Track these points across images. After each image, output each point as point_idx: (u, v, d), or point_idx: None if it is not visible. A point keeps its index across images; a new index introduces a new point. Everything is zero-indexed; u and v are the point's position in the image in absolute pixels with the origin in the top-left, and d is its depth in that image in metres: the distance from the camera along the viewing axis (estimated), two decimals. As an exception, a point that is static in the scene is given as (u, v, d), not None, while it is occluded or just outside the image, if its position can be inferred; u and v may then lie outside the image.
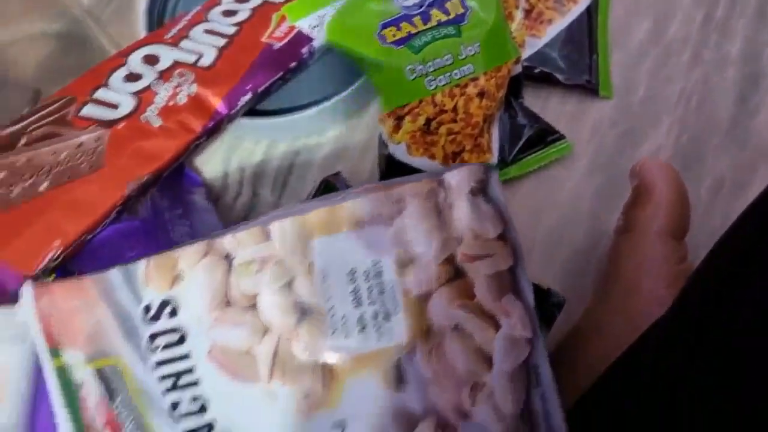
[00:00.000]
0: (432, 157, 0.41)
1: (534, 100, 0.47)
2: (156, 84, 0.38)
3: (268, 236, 0.28)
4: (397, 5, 0.41)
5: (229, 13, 0.42)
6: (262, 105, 0.42)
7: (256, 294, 0.28)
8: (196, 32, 0.41)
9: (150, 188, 0.37)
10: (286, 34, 0.41)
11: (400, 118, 0.41)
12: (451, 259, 0.28)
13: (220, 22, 0.41)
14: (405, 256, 0.28)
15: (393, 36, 0.40)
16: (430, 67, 0.40)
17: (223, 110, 0.39)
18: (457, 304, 0.28)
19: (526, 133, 0.44)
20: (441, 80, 0.40)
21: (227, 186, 0.47)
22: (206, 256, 0.28)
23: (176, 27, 0.41)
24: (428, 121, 0.41)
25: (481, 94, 0.41)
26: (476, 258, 0.28)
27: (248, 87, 0.39)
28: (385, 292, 0.28)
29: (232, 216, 0.46)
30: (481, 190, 0.28)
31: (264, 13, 0.42)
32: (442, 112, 0.41)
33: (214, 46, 0.40)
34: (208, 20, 0.41)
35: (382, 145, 0.42)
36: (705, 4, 0.50)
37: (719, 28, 0.49)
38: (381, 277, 0.28)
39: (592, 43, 0.48)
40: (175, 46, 0.40)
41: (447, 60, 0.40)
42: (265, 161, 0.47)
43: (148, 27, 0.48)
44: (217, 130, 0.40)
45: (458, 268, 0.28)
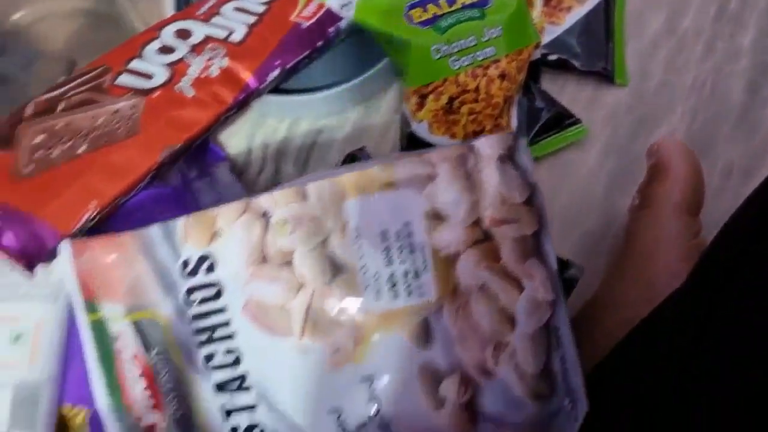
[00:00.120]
0: (453, 136, 0.43)
1: (551, 86, 0.48)
2: (189, 57, 0.40)
3: (304, 196, 0.29)
4: (423, -13, 0.42)
5: (258, -9, 0.43)
6: (286, 84, 0.43)
7: (292, 251, 0.29)
8: (227, 9, 0.42)
9: (181, 156, 0.38)
10: (314, 14, 0.42)
11: (423, 97, 0.42)
12: (478, 222, 0.29)
13: (250, 1, 0.43)
14: (435, 218, 0.29)
15: (419, 17, 0.41)
16: (454, 47, 0.41)
17: (254, 84, 0.40)
18: (483, 266, 0.29)
19: (543, 116, 0.45)
20: (464, 61, 0.41)
21: (250, 162, 0.48)
22: (244, 214, 0.30)
23: (207, 4, 0.43)
24: (451, 101, 0.42)
25: (502, 76, 0.42)
26: (503, 222, 0.30)
27: (277, 63, 0.41)
28: (415, 252, 0.29)
29: (255, 190, 0.47)
30: (509, 156, 0.30)
31: (292, -8, 0.43)
32: (465, 92, 0.42)
33: (244, 23, 0.42)
34: (239, -2, 0.43)
35: (405, 122, 0.43)
36: (718, -3, 0.51)
37: (732, 20, 0.50)
38: (411, 238, 0.29)
39: (608, 32, 0.49)
40: (206, 22, 0.42)
41: (471, 41, 0.41)
42: (288, 138, 0.48)
43: (176, 6, 0.49)
44: (245, 104, 0.41)
45: (485, 231, 0.30)
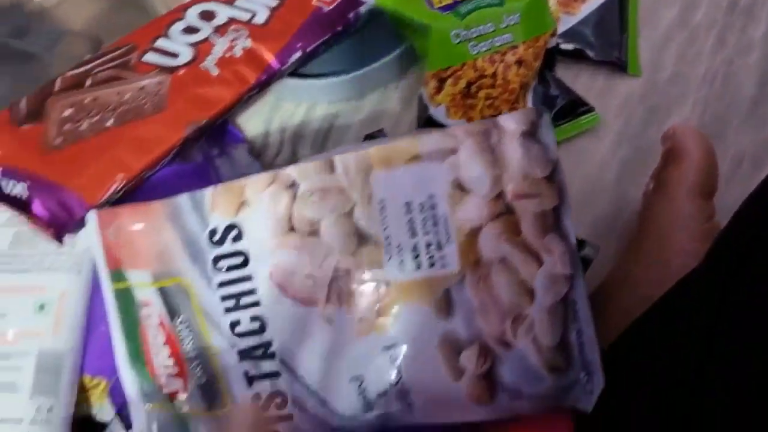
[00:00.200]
0: (470, 120, 0.43)
1: (565, 75, 0.49)
2: (213, 37, 0.40)
3: (332, 168, 0.30)
4: (443, -26, 0.43)
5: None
6: (303, 68, 0.44)
7: (318, 221, 0.30)
8: (250, -8, 0.43)
9: (204, 133, 0.39)
10: (334, -1, 0.43)
11: (442, 81, 0.43)
12: (501, 196, 0.30)
13: (273, -16, 0.43)
14: (458, 191, 0.30)
15: (440, 2, 0.42)
16: (473, 33, 0.42)
17: (276, 65, 0.41)
18: (504, 239, 0.30)
19: (558, 103, 0.46)
20: (483, 46, 0.42)
21: (268, 144, 0.49)
22: (272, 185, 0.30)
23: (231, -13, 0.44)
24: (468, 85, 0.43)
25: (519, 62, 0.43)
26: (524, 196, 0.30)
27: (299, 45, 0.41)
28: (438, 224, 0.30)
29: (272, 172, 0.48)
30: (532, 133, 0.30)
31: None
32: (482, 77, 0.43)
33: (266, 6, 0.43)
34: (262, -18, 0.43)
35: (423, 106, 0.44)
36: (730, -8, 0.52)
37: (744, 13, 0.51)
38: (435, 210, 0.30)
39: (622, 23, 0.50)
40: (230, 4, 0.42)
41: (489, 27, 0.42)
42: (305, 122, 0.49)
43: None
44: (267, 85, 0.42)
45: (507, 205, 0.30)
